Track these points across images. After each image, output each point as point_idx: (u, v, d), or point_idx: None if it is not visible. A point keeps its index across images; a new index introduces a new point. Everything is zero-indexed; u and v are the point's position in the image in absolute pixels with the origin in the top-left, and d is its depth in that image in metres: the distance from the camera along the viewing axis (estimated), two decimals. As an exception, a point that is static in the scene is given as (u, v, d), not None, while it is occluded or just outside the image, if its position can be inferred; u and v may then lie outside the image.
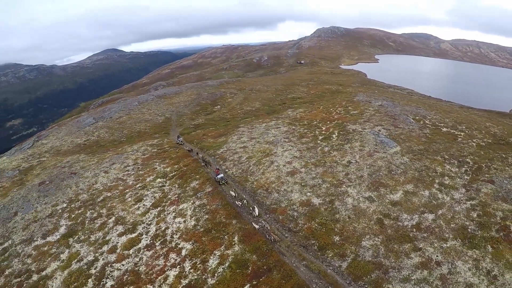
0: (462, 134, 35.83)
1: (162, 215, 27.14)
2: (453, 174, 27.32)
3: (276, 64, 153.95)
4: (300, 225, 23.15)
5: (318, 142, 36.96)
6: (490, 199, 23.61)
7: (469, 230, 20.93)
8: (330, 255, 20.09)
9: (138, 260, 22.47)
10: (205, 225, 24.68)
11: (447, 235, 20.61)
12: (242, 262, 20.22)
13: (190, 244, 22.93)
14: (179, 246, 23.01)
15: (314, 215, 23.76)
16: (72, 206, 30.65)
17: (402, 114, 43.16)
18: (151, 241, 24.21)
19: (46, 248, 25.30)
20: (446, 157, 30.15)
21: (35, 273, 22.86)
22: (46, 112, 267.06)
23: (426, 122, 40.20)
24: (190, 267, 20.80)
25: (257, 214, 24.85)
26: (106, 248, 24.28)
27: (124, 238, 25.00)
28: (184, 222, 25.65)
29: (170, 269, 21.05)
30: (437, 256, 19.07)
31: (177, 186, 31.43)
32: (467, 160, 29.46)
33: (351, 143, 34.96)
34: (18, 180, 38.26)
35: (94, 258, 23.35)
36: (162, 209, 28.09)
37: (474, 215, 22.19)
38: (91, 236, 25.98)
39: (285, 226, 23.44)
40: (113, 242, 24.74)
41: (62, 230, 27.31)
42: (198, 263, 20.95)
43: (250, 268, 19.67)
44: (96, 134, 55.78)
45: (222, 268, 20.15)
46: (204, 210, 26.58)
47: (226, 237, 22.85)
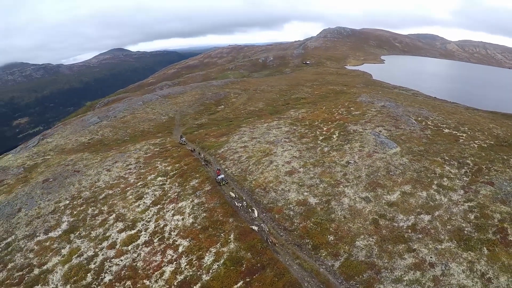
0: (464, 135, 35.51)
1: (161, 213, 27.56)
2: (452, 176, 27.14)
3: (281, 64, 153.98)
4: (295, 224, 23.29)
5: (318, 142, 37.02)
6: (489, 201, 23.41)
7: (465, 232, 20.81)
8: (324, 254, 20.20)
9: (136, 256, 22.91)
10: (202, 223, 25.01)
11: (443, 237, 20.52)
12: (236, 260, 20.48)
13: (187, 241, 23.29)
14: (177, 243, 23.38)
15: (310, 215, 23.87)
16: (74, 203, 31.29)
17: (404, 115, 42.93)
18: (150, 237, 24.63)
19: (48, 243, 25.91)
20: (446, 158, 29.94)
21: (37, 267, 23.44)
22: (52, 111, 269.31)
23: (428, 123, 39.93)
24: (186, 264, 21.14)
25: (256, 216, 24.83)
26: (106, 244, 24.79)
27: (123, 235, 25.49)
28: (182, 219, 26.03)
29: (166, 265, 21.43)
30: (431, 257, 19.02)
31: (177, 185, 31.85)
32: (468, 161, 29.21)
33: (351, 144, 34.94)
34: (22, 177, 39.09)
35: (94, 254, 23.88)
36: (161, 206, 28.53)
37: (471, 217, 22.03)
38: (92, 232, 26.52)
39: (280, 225, 23.61)
40: (112, 238, 25.25)
41: (64, 226, 27.92)
42: (194, 260, 21.28)
43: (244, 265, 19.92)
44: (100, 133, 56.62)
45: (217, 265, 20.43)
46: (202, 208, 26.92)
47: (222, 234, 23.15)
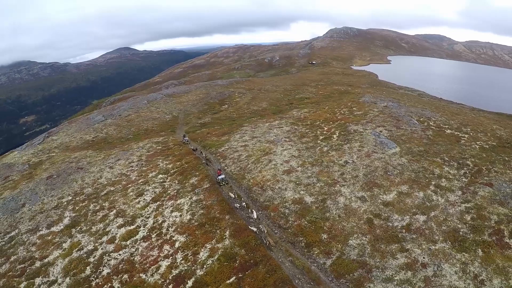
0: (466, 136, 35.18)
1: (160, 209, 28.04)
2: (451, 176, 26.97)
3: (287, 64, 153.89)
4: (290, 222, 23.48)
5: (318, 142, 37.09)
6: (487, 202, 23.22)
7: (460, 233, 20.71)
8: (316, 252, 20.35)
9: (134, 250, 23.42)
10: (199, 219, 25.40)
11: (437, 237, 20.47)
12: (230, 256, 20.79)
13: (184, 237, 23.70)
14: (173, 238, 23.81)
15: (305, 213, 24.03)
16: (76, 199, 32.01)
17: (406, 115, 42.67)
18: (148, 233, 25.12)
19: (50, 237, 26.63)
20: (446, 159, 29.75)
21: (38, 260, 24.14)
22: (59, 109, 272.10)
23: (430, 123, 39.64)
24: (181, 259, 21.54)
25: (255, 217, 24.67)
26: (105, 238, 25.37)
27: (123, 230, 26.04)
28: (180, 216, 26.46)
29: (163, 259, 21.86)
30: (423, 257, 19.00)
31: (177, 182, 32.31)
32: (468, 162, 28.97)
33: (351, 144, 34.94)
34: (27, 174, 40.07)
35: (93, 248, 24.47)
36: (161, 203, 29.01)
37: (468, 218, 21.91)
38: (93, 227, 27.15)
39: (275, 222, 23.82)
40: (112, 233, 25.82)
41: (66, 221, 28.62)
42: (189, 255, 21.67)
43: (237, 261, 20.21)
44: (104, 131, 57.54)
45: (211, 260, 20.77)
46: (200, 205, 27.31)
47: (218, 231, 23.48)
